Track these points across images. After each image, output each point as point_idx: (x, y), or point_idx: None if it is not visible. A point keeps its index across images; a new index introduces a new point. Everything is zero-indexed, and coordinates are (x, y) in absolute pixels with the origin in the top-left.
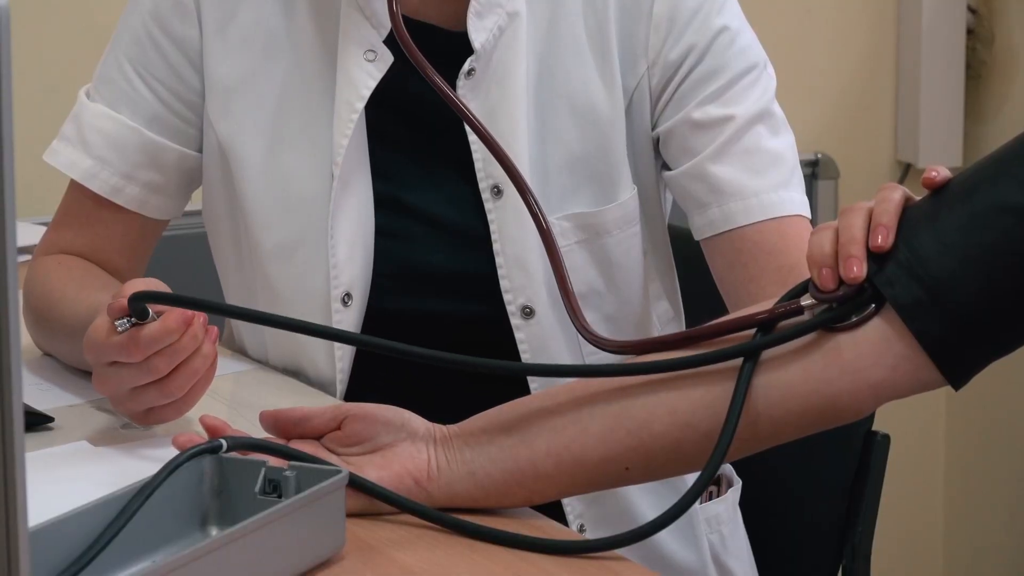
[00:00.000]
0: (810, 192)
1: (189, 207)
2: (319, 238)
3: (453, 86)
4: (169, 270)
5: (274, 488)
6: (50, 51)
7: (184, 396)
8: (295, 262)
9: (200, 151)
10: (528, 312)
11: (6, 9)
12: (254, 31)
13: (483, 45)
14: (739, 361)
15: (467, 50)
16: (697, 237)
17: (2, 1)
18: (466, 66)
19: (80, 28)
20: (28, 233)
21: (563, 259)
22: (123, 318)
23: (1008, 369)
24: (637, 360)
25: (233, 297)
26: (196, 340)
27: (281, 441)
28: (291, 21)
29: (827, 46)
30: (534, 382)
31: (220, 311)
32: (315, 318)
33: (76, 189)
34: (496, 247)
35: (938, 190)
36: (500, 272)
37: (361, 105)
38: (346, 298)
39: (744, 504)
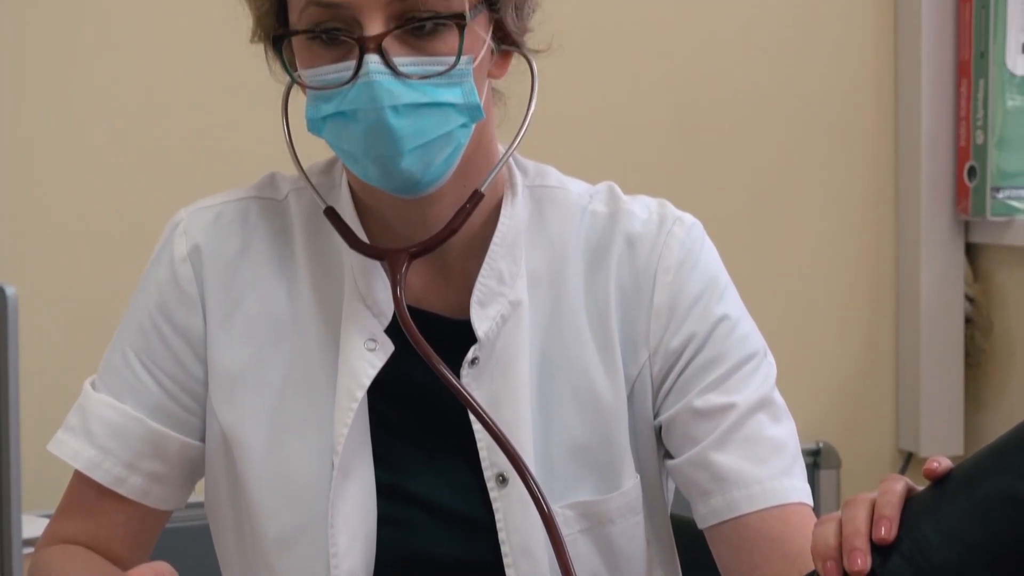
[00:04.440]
0: (812, 481)
1: (191, 499)
2: (320, 527)
3: (456, 374)
4: (171, 562)
5: None
6: (57, 341)
7: None
8: (297, 551)
9: (203, 440)
10: None
11: (14, 297)
12: (259, 320)
13: (486, 334)
14: None
15: (470, 338)
16: (701, 525)
17: (10, 289)
18: (470, 355)
19: (86, 319)
20: (32, 526)
21: (567, 548)
22: None
23: None
24: None
25: None
26: None
27: None
28: (296, 309)
29: (827, 335)
30: None
31: None
32: None
33: (80, 479)
34: (502, 535)
35: (940, 480)
36: (506, 560)
37: (361, 394)
38: None
39: None
